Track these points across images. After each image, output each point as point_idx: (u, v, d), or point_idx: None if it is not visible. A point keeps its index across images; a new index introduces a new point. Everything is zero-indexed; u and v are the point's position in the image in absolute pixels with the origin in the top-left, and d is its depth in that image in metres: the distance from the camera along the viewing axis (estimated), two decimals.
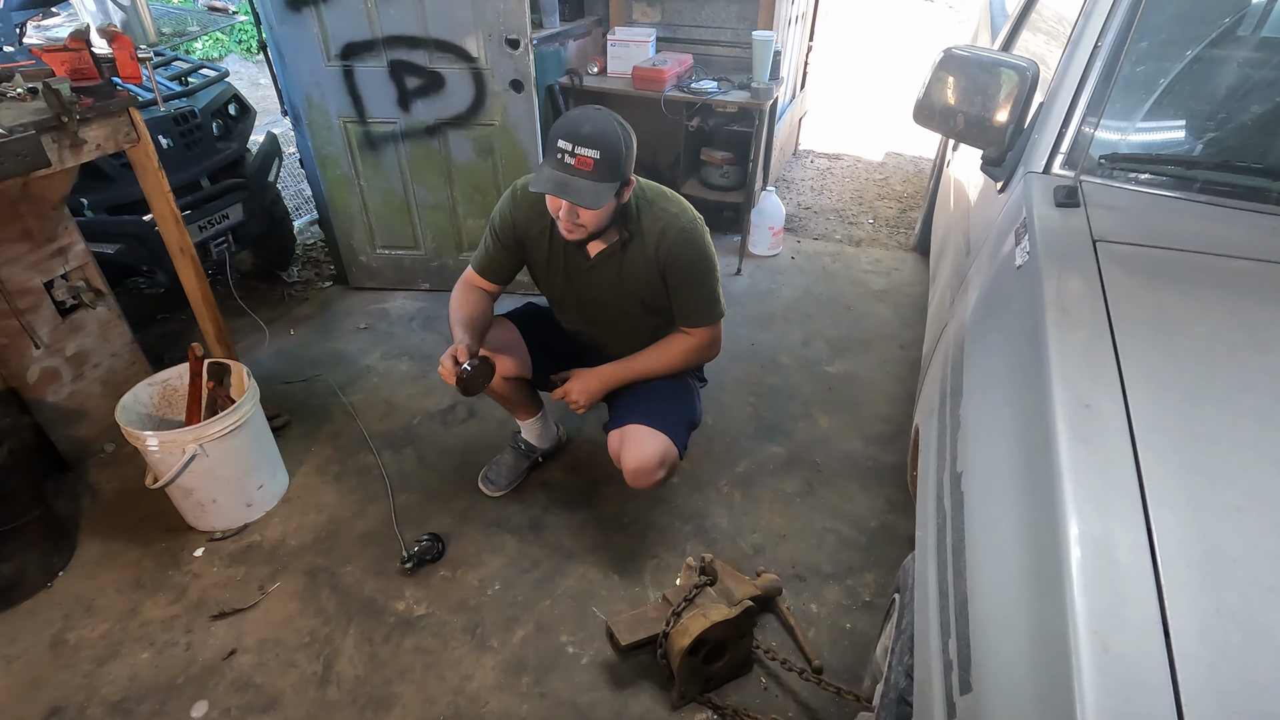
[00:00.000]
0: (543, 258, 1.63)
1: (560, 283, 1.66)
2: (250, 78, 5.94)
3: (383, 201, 2.78)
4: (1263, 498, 0.60)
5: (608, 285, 1.62)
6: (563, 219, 1.45)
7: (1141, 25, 1.49)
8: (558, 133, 1.37)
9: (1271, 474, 0.62)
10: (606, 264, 1.59)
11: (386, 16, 2.38)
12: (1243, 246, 0.88)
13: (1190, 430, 0.67)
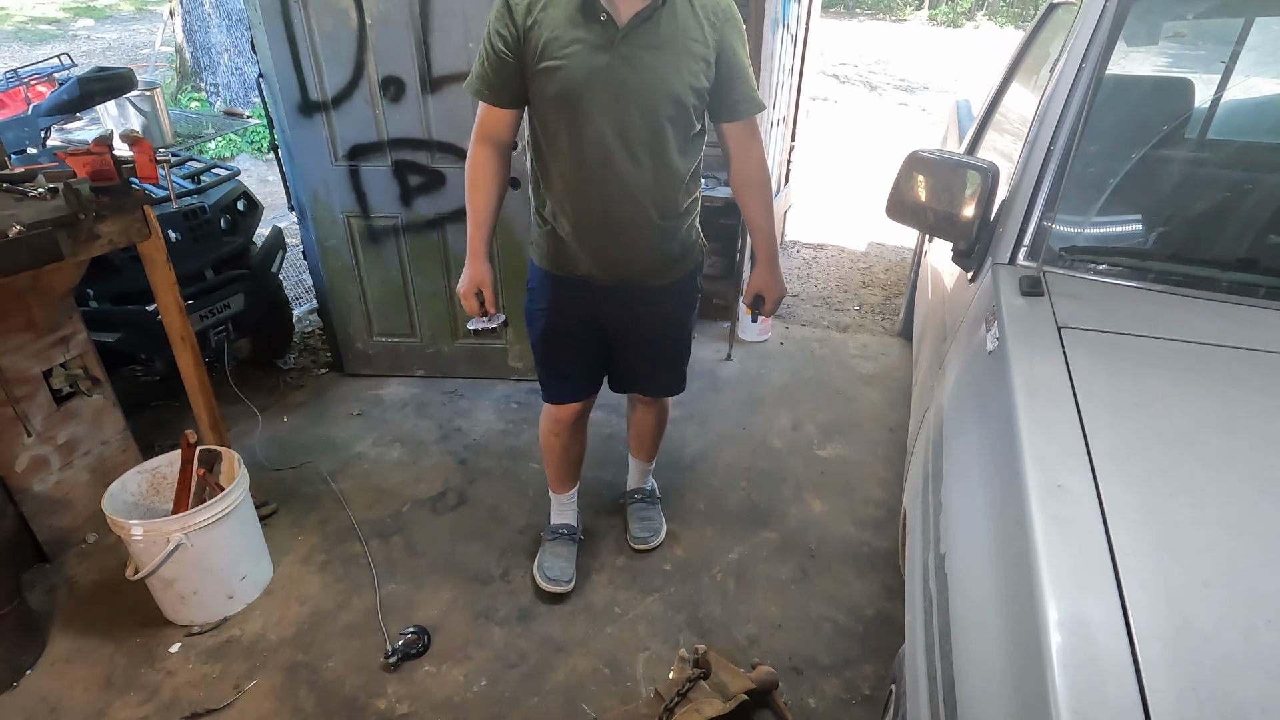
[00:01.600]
0: (561, 35, 1.30)
1: (585, 66, 1.31)
2: (259, 174, 6.22)
3: (381, 291, 2.86)
4: (1230, 572, 0.62)
5: (647, 56, 1.32)
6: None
7: (1091, 128, 1.61)
8: None
9: (1237, 548, 0.64)
10: (644, 27, 1.31)
11: (393, 121, 2.54)
12: (1196, 332, 0.93)
13: (1158, 507, 0.69)
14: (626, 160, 1.39)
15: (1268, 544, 0.66)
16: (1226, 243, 1.11)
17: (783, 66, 3.83)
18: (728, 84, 1.42)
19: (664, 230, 1.53)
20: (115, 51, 10.95)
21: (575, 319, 1.66)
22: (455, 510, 2.28)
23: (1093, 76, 1.29)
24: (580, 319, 1.67)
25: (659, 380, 1.86)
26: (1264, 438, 0.74)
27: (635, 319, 1.68)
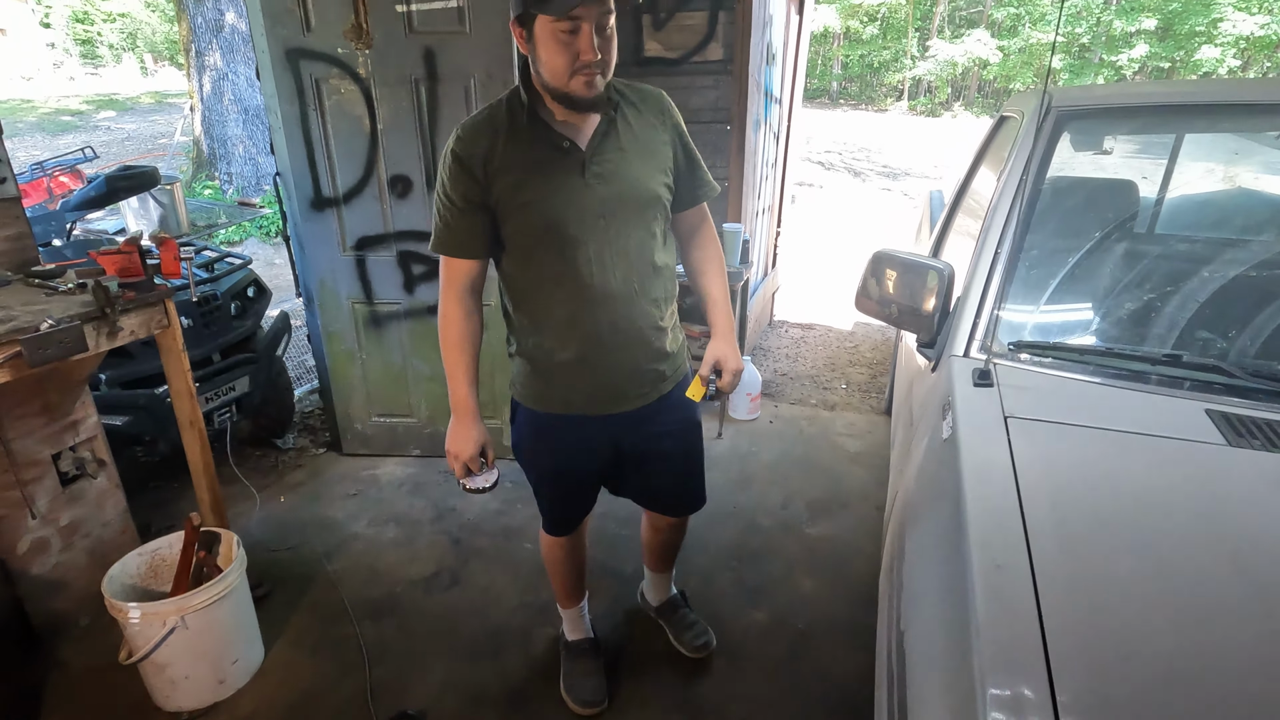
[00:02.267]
0: (531, 172, 1.31)
1: (553, 195, 1.32)
2: (266, 258, 6.45)
3: (382, 373, 2.96)
4: (1150, 646, 0.69)
5: (618, 168, 1.35)
6: (588, 59, 1.20)
7: (1039, 229, 1.76)
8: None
9: (1157, 624, 0.71)
10: (606, 143, 1.33)
11: (399, 215, 2.71)
12: (1127, 421, 1.03)
13: (1086, 583, 0.76)
14: (622, 272, 1.39)
15: (1187, 619, 0.73)
16: (1156, 337, 1.22)
17: (766, 160, 4.09)
18: (688, 173, 1.48)
19: (662, 331, 1.51)
20: (134, 141, 11.49)
21: (579, 458, 1.58)
22: (448, 590, 2.30)
23: (1033, 186, 1.44)
24: (584, 456, 1.58)
25: (683, 499, 1.76)
26: (1183, 519, 0.82)
27: (647, 439, 1.58)
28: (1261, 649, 0.69)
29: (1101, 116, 1.63)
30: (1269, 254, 1.39)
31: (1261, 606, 0.73)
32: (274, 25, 2.45)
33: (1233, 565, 0.78)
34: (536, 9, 1.19)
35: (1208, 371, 1.08)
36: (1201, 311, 1.24)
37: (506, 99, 1.36)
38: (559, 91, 1.26)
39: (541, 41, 1.22)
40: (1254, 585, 0.76)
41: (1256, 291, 1.24)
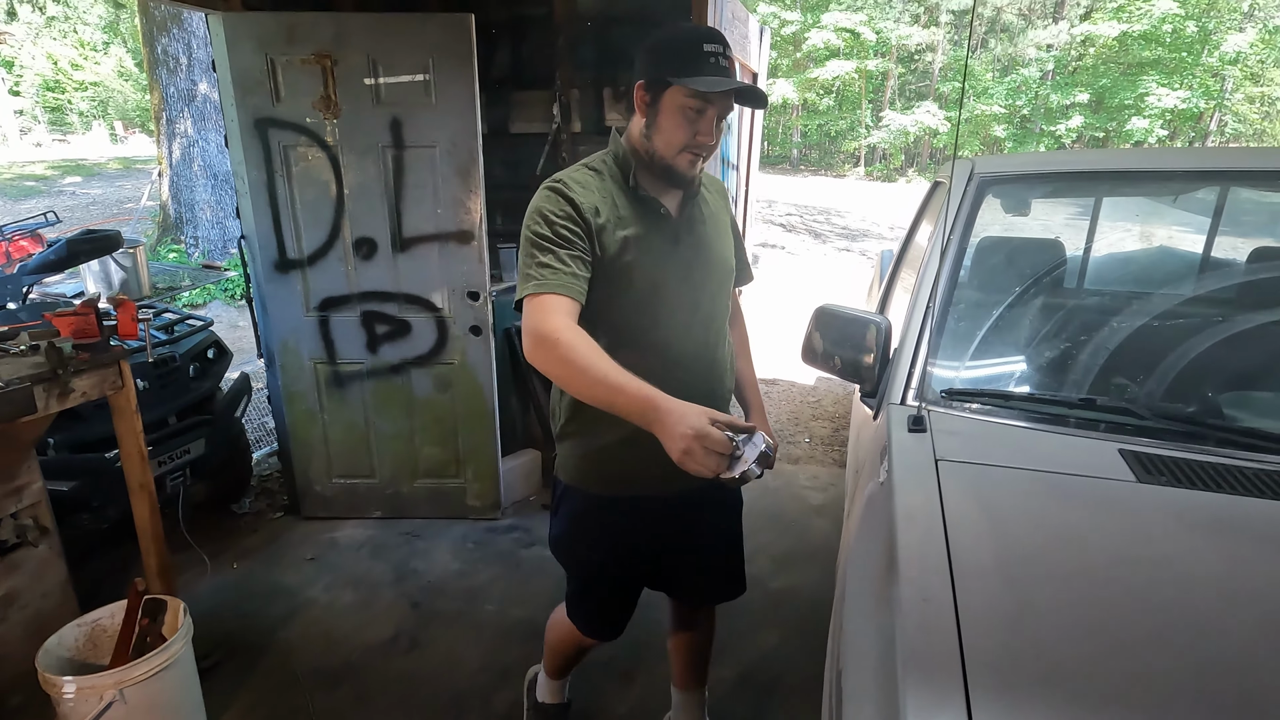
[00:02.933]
0: (636, 231, 1.29)
1: (654, 257, 1.31)
2: (230, 320, 6.40)
3: (344, 433, 2.94)
4: (1064, 673, 0.72)
5: (703, 239, 1.39)
6: (704, 142, 1.26)
7: (972, 285, 1.87)
8: (691, 38, 1.22)
9: (1073, 650, 0.75)
10: (692, 214, 1.38)
11: (364, 276, 2.75)
12: (1051, 461, 1.09)
13: (1005, 613, 0.80)
14: (701, 338, 1.39)
15: (1101, 648, 0.77)
16: (1075, 383, 1.30)
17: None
18: (738, 257, 1.51)
19: (728, 399, 1.48)
20: (99, 206, 11.45)
21: (637, 545, 1.48)
22: (407, 655, 2.24)
23: (958, 246, 1.55)
24: (643, 542, 1.49)
25: (732, 578, 1.63)
26: (1096, 550, 0.88)
27: (700, 517, 1.52)
28: (1167, 668, 0.73)
29: (1019, 182, 1.77)
30: (1174, 305, 1.50)
31: (1167, 629, 0.78)
32: (245, 96, 2.54)
33: (1142, 592, 0.83)
34: (677, 80, 1.21)
35: (1119, 414, 1.16)
36: (1115, 359, 1.33)
37: (610, 158, 1.34)
38: (663, 162, 1.29)
39: (667, 111, 1.25)
40: (1160, 610, 0.81)
41: (1163, 340, 1.34)
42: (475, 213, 2.69)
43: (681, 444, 0.99)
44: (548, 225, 1.25)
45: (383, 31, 2.51)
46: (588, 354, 1.15)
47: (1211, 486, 1.00)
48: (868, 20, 18.67)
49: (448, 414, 2.91)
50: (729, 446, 0.98)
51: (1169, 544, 0.90)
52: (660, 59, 1.24)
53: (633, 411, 1.08)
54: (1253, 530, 0.92)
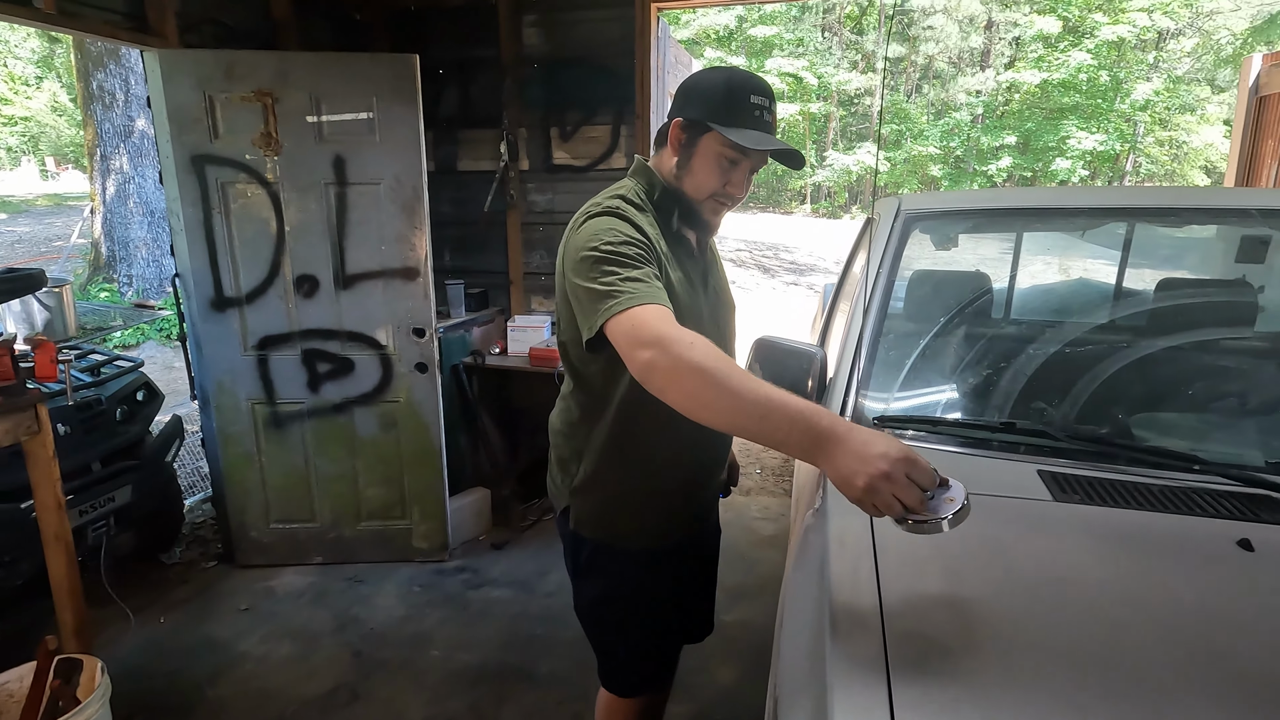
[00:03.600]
0: (674, 271, 1.24)
1: (695, 296, 1.28)
2: (165, 361, 6.15)
3: (282, 476, 2.84)
4: (985, 687, 0.74)
5: (719, 282, 1.40)
6: (734, 194, 1.24)
7: (903, 316, 1.95)
8: (744, 87, 1.18)
9: (989, 668, 0.77)
10: (707, 256, 1.37)
11: (306, 314, 2.70)
12: (975, 483, 1.13)
13: (929, 635, 0.82)
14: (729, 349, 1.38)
15: (1016, 662, 0.79)
16: (997, 408, 1.36)
17: None
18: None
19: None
20: (25, 244, 10.95)
21: (675, 592, 1.43)
22: (347, 708, 2.14)
23: (887, 278, 1.62)
24: (678, 587, 1.45)
25: (711, 613, 1.67)
26: (1015, 566, 0.91)
27: (709, 555, 1.56)
28: (1081, 679, 0.76)
29: (943, 218, 1.86)
30: (1089, 333, 1.59)
31: (1080, 640, 0.81)
32: (181, 133, 2.49)
33: (1056, 604, 0.86)
34: (719, 128, 1.17)
35: (1037, 436, 1.22)
36: (1034, 385, 1.40)
37: (643, 191, 1.26)
38: (689, 205, 1.26)
39: (702, 155, 1.21)
40: (1073, 620, 0.84)
41: (1078, 365, 1.41)
42: (420, 249, 2.67)
43: (875, 471, 0.81)
44: (625, 245, 1.12)
45: (326, 71, 2.51)
46: (730, 363, 0.96)
47: (1121, 503, 1.05)
48: (809, 66, 19.51)
49: (393, 453, 2.85)
50: (934, 480, 0.85)
51: (1081, 559, 0.94)
52: (705, 101, 1.20)
53: (795, 432, 0.88)
54: (1157, 543, 0.97)
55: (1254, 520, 1.00)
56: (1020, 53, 19.50)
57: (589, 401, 1.30)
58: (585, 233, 1.15)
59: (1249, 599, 0.86)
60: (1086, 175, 18.34)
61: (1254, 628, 0.82)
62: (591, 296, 1.09)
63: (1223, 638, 0.80)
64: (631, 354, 1.02)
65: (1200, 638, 0.80)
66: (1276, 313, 1.93)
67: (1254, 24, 15.17)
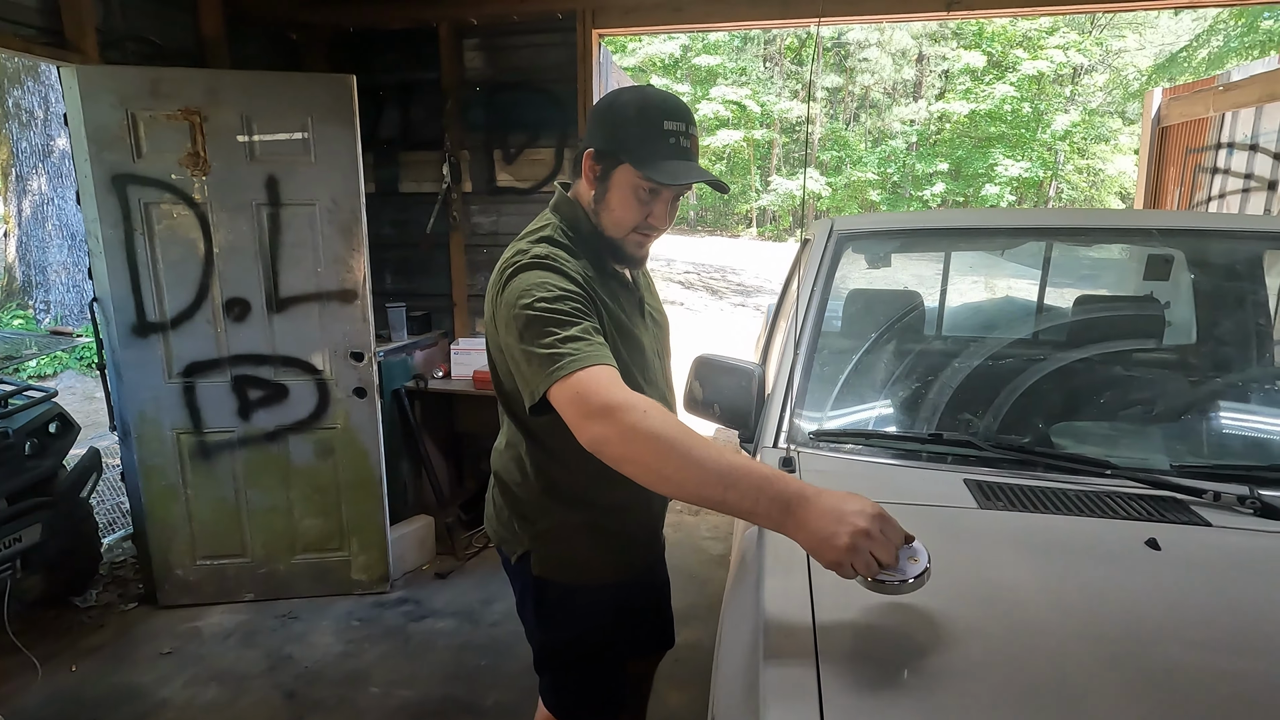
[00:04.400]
0: (611, 307, 1.20)
1: (636, 331, 1.26)
2: (86, 391, 5.82)
3: (211, 509, 2.70)
4: (910, 689, 0.75)
5: (657, 307, 1.38)
6: (657, 225, 1.18)
7: (838, 333, 2.00)
8: (657, 113, 1.11)
9: (912, 669, 0.78)
10: (641, 281, 1.35)
11: (236, 339, 2.60)
12: (906, 493, 1.16)
13: (861, 652, 0.83)
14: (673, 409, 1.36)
15: (938, 663, 0.80)
16: (927, 420, 1.41)
17: None
18: None
19: None
20: None
21: (636, 619, 1.45)
22: None
23: (821, 295, 1.66)
24: (640, 614, 1.47)
25: (671, 620, 1.68)
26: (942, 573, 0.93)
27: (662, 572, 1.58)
28: (1002, 680, 0.78)
29: (873, 238, 1.92)
30: (1013, 347, 1.67)
31: (1003, 639, 0.83)
32: (100, 151, 2.39)
33: (981, 611, 0.88)
34: (631, 163, 1.11)
35: (963, 447, 1.26)
36: (962, 397, 1.45)
37: (566, 228, 1.20)
38: (611, 242, 1.20)
39: (617, 189, 1.15)
40: (997, 622, 0.87)
41: (1002, 378, 1.47)
42: (358, 271, 2.61)
43: (856, 528, 0.79)
44: (560, 300, 1.06)
45: (258, 90, 2.45)
46: (687, 431, 0.92)
47: (1041, 509, 1.09)
48: (752, 94, 20.07)
49: (330, 482, 2.75)
50: (903, 536, 0.84)
51: (1004, 565, 0.97)
52: (615, 132, 1.13)
53: (763, 500, 0.85)
54: (1074, 546, 1.01)
55: (1160, 520, 1.05)
56: (949, 85, 20.52)
57: (543, 456, 1.26)
58: (516, 288, 1.09)
59: (1156, 597, 0.90)
60: (1014, 200, 19.31)
61: (1160, 625, 0.85)
62: (531, 361, 1.04)
63: (1133, 636, 0.83)
64: (580, 424, 0.98)
65: (1112, 637, 0.83)
66: (1182, 327, 2.06)
67: (1157, 61, 16.37)
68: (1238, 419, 1.47)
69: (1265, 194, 3.22)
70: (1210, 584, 0.93)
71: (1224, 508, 1.09)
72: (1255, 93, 3.28)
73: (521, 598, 1.39)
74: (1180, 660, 0.79)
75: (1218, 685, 0.76)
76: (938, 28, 19.06)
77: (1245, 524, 1.05)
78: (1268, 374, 1.73)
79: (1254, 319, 1.93)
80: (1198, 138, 3.73)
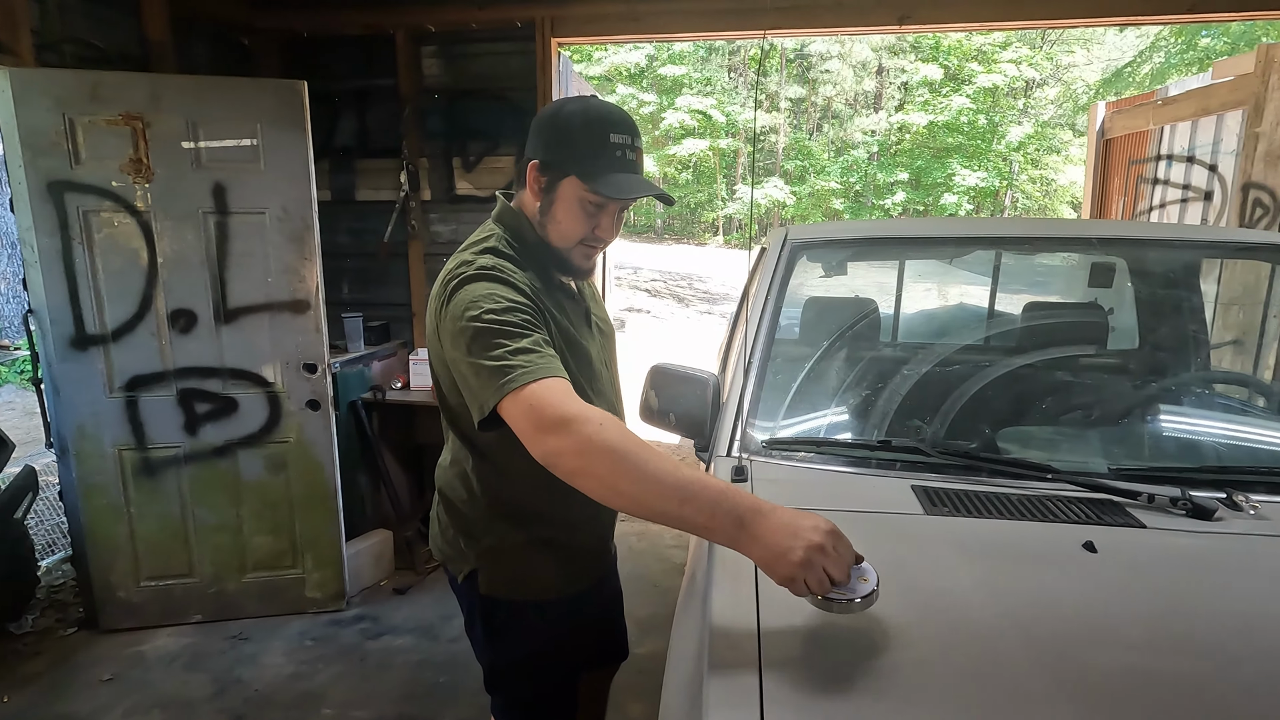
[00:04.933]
0: (560, 319, 1.19)
1: (584, 342, 1.24)
2: (27, 407, 5.59)
3: (156, 528, 2.60)
4: (853, 692, 0.76)
5: (603, 315, 1.37)
6: (604, 237, 1.18)
7: (801, 340, 2.01)
8: (603, 126, 1.10)
9: (855, 674, 0.78)
10: (586, 290, 1.34)
11: (182, 351, 2.51)
12: (855, 501, 1.17)
13: (805, 661, 0.83)
14: (621, 416, 1.37)
15: (893, 683, 0.80)
16: (877, 428, 1.42)
17: None
18: None
19: None
20: None
21: (590, 634, 1.41)
22: None
23: (775, 304, 1.67)
24: (593, 628, 1.43)
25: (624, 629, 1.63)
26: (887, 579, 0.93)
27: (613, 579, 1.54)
28: (941, 681, 0.78)
29: (826, 246, 1.94)
30: (963, 353, 1.69)
31: (943, 645, 0.84)
32: (36, 157, 2.30)
33: (922, 613, 0.89)
34: (578, 176, 1.10)
35: (911, 453, 1.27)
36: (912, 405, 1.47)
37: (510, 239, 1.18)
38: (558, 255, 1.18)
39: (563, 201, 1.14)
40: (937, 628, 0.87)
41: (951, 385, 1.49)
42: (311, 280, 2.55)
43: (810, 543, 0.79)
44: (509, 311, 1.05)
45: (205, 95, 2.39)
46: (642, 444, 0.91)
47: (985, 513, 1.11)
48: (717, 104, 20.29)
49: (282, 498, 2.67)
50: (854, 554, 0.84)
51: (946, 569, 0.98)
52: (561, 144, 1.12)
53: (718, 514, 0.85)
54: (1015, 550, 1.02)
55: (1098, 523, 1.07)
56: (908, 96, 21.01)
57: (490, 472, 1.23)
58: (462, 300, 1.07)
59: (1090, 599, 0.92)
60: (971, 209, 19.83)
61: (1093, 626, 0.87)
62: (479, 374, 1.02)
63: (1066, 638, 0.84)
64: (534, 438, 0.97)
65: (1046, 640, 0.84)
66: (1125, 332, 2.13)
67: (1104, 76, 17.01)
68: (1173, 422, 1.52)
69: (1202, 204, 3.35)
70: (1142, 585, 0.95)
71: (1158, 509, 1.12)
72: (1191, 107, 3.42)
73: (469, 617, 1.37)
74: (1111, 661, 0.80)
75: (1147, 685, 0.77)
76: (896, 40, 19.54)
77: (1177, 525, 1.08)
78: (1202, 378, 1.79)
79: (1190, 325, 2.00)
80: (1139, 149, 3.88)
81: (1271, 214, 2.91)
